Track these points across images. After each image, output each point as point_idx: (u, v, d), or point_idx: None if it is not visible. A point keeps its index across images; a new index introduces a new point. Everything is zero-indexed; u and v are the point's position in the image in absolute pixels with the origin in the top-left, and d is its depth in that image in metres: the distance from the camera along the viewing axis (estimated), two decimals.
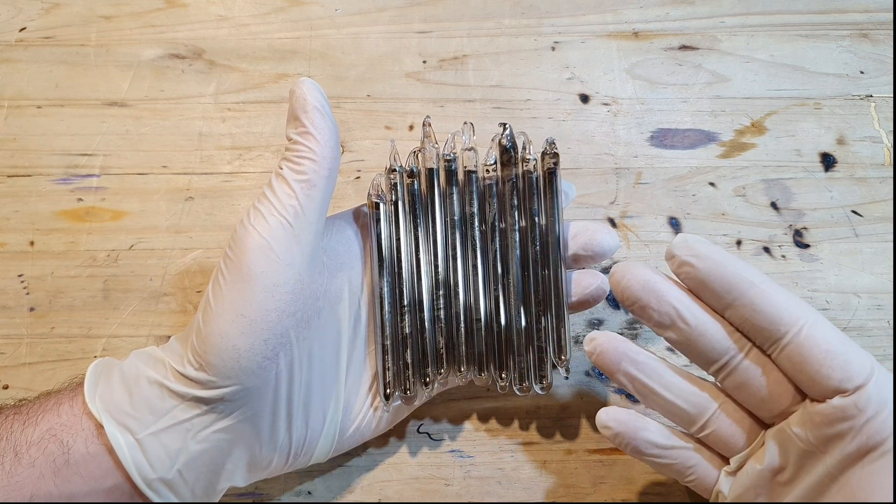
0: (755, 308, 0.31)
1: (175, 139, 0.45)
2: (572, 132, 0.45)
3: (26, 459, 0.30)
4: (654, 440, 0.34)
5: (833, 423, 0.30)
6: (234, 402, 0.32)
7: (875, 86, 0.46)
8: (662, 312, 0.32)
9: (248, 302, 0.31)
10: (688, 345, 0.33)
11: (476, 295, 0.37)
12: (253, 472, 0.34)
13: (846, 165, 0.44)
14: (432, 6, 0.48)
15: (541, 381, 0.36)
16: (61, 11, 0.47)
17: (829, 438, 0.30)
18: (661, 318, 0.33)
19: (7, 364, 0.40)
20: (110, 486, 0.31)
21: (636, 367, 0.34)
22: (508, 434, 0.40)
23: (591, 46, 0.47)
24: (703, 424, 0.33)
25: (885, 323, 0.41)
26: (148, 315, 0.41)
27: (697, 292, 0.33)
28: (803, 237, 0.43)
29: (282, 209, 0.32)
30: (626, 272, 0.33)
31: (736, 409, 0.34)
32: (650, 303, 0.33)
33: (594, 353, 0.34)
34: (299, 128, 0.33)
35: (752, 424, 0.33)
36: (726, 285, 0.32)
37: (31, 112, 0.45)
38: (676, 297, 0.33)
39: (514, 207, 0.37)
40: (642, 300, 0.33)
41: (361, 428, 0.36)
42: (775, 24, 0.47)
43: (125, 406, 0.31)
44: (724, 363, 0.33)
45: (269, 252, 0.32)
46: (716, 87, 0.46)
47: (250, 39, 0.47)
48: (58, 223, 0.43)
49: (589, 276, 0.37)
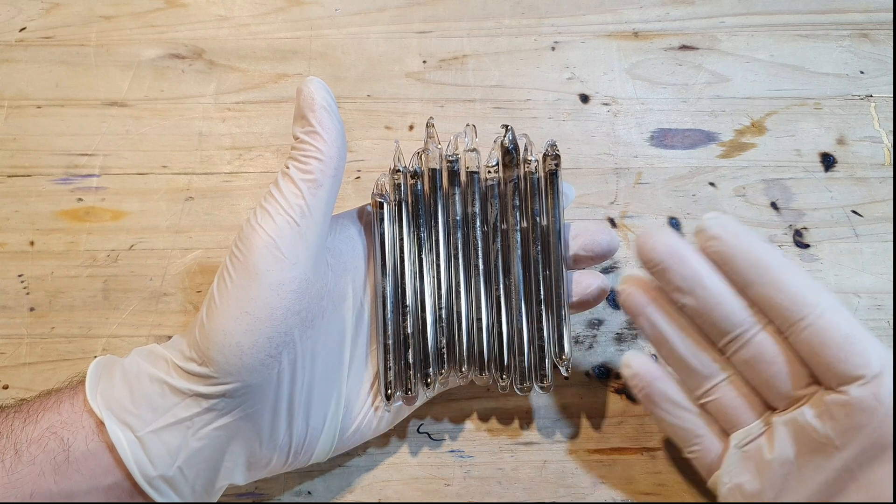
0: (778, 287, 0.31)
1: (175, 139, 0.45)
2: (572, 132, 0.45)
3: (27, 457, 0.30)
4: (668, 393, 0.34)
5: (852, 416, 0.30)
6: (235, 400, 0.32)
7: (875, 86, 0.46)
8: (684, 276, 0.33)
9: (253, 299, 0.31)
10: (704, 312, 0.33)
11: (477, 295, 0.37)
12: (253, 471, 0.34)
13: (846, 165, 0.44)
14: (432, 6, 0.48)
15: (541, 381, 0.36)
16: (61, 11, 0.47)
17: (848, 432, 0.30)
18: (682, 281, 0.33)
19: (7, 364, 0.40)
20: (111, 484, 0.31)
21: (659, 314, 0.34)
22: (508, 434, 0.40)
23: (591, 46, 0.47)
24: (710, 389, 0.34)
25: (885, 323, 0.41)
26: (148, 315, 0.41)
27: (722, 268, 0.33)
28: (803, 237, 0.43)
29: (288, 208, 0.32)
30: (653, 234, 0.33)
31: (743, 386, 0.34)
32: (673, 265, 0.33)
33: (624, 292, 0.35)
34: (306, 127, 0.33)
35: (759, 404, 0.33)
36: (752, 262, 0.32)
37: (31, 112, 0.45)
38: (699, 262, 0.33)
39: (515, 208, 0.37)
40: (666, 262, 0.33)
41: (362, 427, 0.36)
42: (775, 24, 0.47)
43: (126, 403, 0.31)
44: (737, 334, 0.33)
45: (276, 250, 0.32)
46: (716, 87, 0.46)
47: (250, 39, 0.47)
48: (58, 223, 0.43)
49: (589, 276, 0.37)
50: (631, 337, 0.41)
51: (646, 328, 0.34)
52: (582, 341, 0.41)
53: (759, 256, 0.32)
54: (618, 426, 0.40)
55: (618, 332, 0.41)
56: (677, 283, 0.33)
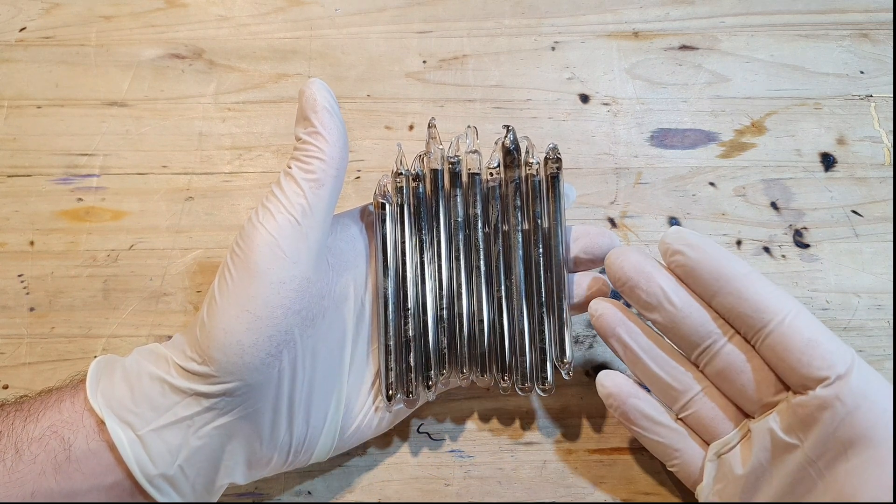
0: (741, 296, 0.32)
1: (175, 139, 0.45)
2: (572, 132, 0.45)
3: (27, 456, 0.30)
4: (644, 410, 0.35)
5: (815, 414, 0.30)
6: (235, 399, 0.32)
7: (875, 86, 0.46)
8: (651, 293, 0.34)
9: (254, 298, 0.31)
10: (672, 327, 0.34)
11: (479, 296, 0.37)
12: (253, 470, 0.34)
13: (846, 165, 0.44)
14: (432, 6, 0.48)
15: (543, 384, 0.36)
16: (61, 11, 0.47)
17: (812, 430, 0.30)
18: (648, 297, 0.34)
19: (7, 364, 0.40)
20: (111, 483, 0.31)
21: (630, 334, 0.35)
22: (509, 434, 0.40)
23: (591, 46, 0.47)
24: (686, 404, 0.34)
25: (885, 323, 0.41)
26: (148, 315, 0.41)
27: (687, 281, 0.34)
28: (803, 237, 0.43)
29: (290, 207, 0.32)
30: (621, 254, 0.35)
31: (719, 396, 0.34)
32: (640, 283, 0.34)
33: (595, 314, 0.36)
34: (308, 127, 0.33)
35: (736, 413, 0.34)
36: (714, 274, 0.33)
37: (31, 112, 0.45)
38: (665, 280, 0.34)
39: (517, 209, 0.37)
40: (633, 280, 0.34)
41: (362, 427, 0.36)
42: (775, 24, 0.47)
43: (127, 402, 0.31)
44: (706, 346, 0.34)
45: (277, 249, 0.32)
46: (716, 87, 0.46)
47: (250, 39, 0.47)
48: (58, 223, 0.43)
49: (590, 278, 0.38)
50: None
51: (618, 349, 0.35)
52: (582, 341, 0.41)
53: (721, 267, 0.33)
54: (618, 426, 0.40)
55: None
56: (645, 300, 0.34)
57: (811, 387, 0.31)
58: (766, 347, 0.32)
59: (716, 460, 0.34)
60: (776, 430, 0.32)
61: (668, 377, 0.34)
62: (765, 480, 0.32)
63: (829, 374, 0.30)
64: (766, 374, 0.33)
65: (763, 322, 0.32)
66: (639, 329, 0.35)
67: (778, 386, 0.32)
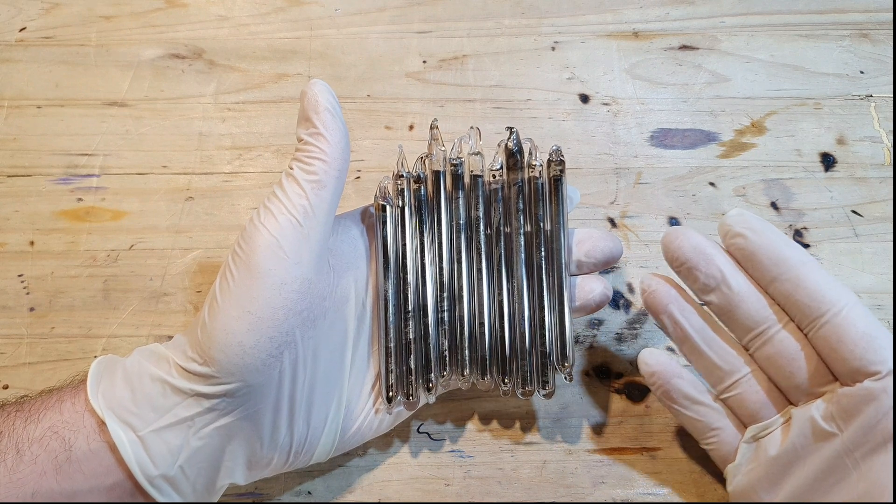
0: (799, 284, 0.32)
1: (175, 139, 0.45)
2: (572, 132, 0.45)
3: (28, 456, 0.30)
4: (686, 390, 0.35)
5: (859, 405, 0.30)
6: (236, 399, 0.32)
7: (875, 86, 0.46)
8: (709, 274, 0.33)
9: (255, 299, 0.31)
10: (728, 310, 0.34)
11: (480, 299, 0.37)
12: (253, 470, 0.34)
13: (846, 165, 0.44)
14: (432, 6, 0.48)
15: (544, 388, 0.36)
16: (61, 11, 0.47)
17: (853, 420, 0.30)
18: (706, 279, 0.34)
19: (7, 364, 0.40)
20: (112, 483, 0.31)
21: (681, 311, 0.35)
22: (509, 434, 0.40)
23: (591, 46, 0.47)
24: (732, 385, 0.34)
25: (886, 323, 0.41)
26: (148, 315, 0.41)
27: (745, 265, 0.34)
28: (803, 237, 0.43)
29: (292, 208, 0.32)
30: (679, 234, 0.34)
31: (765, 380, 0.34)
32: (698, 264, 0.34)
33: (647, 290, 0.35)
34: (310, 129, 0.33)
35: (780, 399, 0.34)
36: (774, 259, 0.32)
37: (31, 112, 0.45)
38: (724, 261, 0.34)
39: (519, 211, 0.37)
40: (691, 261, 0.34)
41: (362, 428, 0.36)
42: (775, 24, 0.47)
43: (127, 403, 0.31)
44: (760, 332, 0.33)
45: (278, 250, 0.32)
46: (716, 87, 0.46)
47: (250, 39, 0.47)
48: (58, 223, 0.43)
49: (593, 281, 0.38)
50: (631, 337, 0.41)
51: (668, 326, 0.35)
52: (582, 341, 0.41)
53: (782, 254, 0.32)
54: (618, 426, 0.40)
55: (618, 332, 0.41)
56: (703, 282, 0.34)
57: (860, 379, 0.31)
58: (820, 337, 0.32)
59: (752, 443, 0.34)
60: (816, 418, 0.32)
61: (717, 357, 0.34)
62: (797, 465, 0.32)
63: (881, 369, 0.30)
64: (816, 364, 0.32)
65: (820, 311, 0.31)
66: (691, 307, 0.35)
67: (827, 377, 0.32)
